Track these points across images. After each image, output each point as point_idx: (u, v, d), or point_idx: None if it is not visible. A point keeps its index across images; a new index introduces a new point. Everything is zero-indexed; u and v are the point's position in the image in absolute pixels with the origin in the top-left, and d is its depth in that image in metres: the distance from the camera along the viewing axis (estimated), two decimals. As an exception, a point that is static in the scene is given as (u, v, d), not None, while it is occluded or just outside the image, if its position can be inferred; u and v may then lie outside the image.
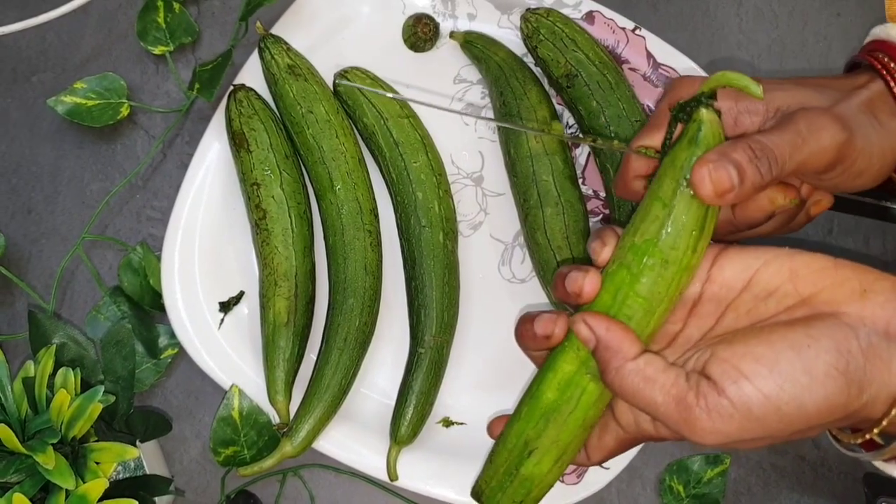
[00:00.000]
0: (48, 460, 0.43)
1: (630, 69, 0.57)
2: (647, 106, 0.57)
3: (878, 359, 0.35)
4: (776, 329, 0.36)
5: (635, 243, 0.37)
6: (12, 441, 0.44)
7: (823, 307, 0.36)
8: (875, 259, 0.59)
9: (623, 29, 0.58)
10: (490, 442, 0.55)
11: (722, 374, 0.35)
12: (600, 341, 0.37)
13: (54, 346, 0.49)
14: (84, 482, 0.44)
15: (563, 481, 0.53)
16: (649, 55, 0.57)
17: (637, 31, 0.58)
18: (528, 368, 0.55)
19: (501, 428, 0.41)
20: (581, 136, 0.39)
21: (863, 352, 0.35)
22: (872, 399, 0.35)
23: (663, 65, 0.57)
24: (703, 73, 0.56)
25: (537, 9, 0.57)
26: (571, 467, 0.53)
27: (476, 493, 0.42)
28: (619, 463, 0.53)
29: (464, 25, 0.59)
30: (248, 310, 0.55)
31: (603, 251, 0.39)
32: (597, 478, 0.53)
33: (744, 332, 0.37)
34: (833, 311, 0.36)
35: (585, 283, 0.38)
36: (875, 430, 0.36)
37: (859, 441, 0.38)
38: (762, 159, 0.37)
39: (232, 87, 0.55)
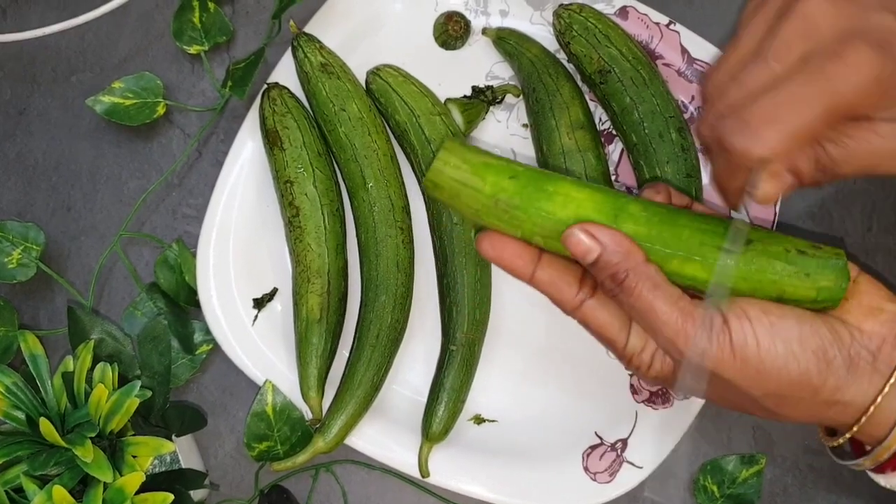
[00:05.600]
0: (87, 453, 0.44)
1: (664, 64, 0.57)
2: (682, 101, 0.57)
3: (858, 370, 0.37)
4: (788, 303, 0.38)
5: None
6: (52, 434, 0.45)
7: (832, 310, 0.38)
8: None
9: (657, 24, 0.57)
10: (519, 440, 0.55)
11: (728, 309, 0.37)
12: (606, 248, 0.37)
13: (92, 341, 0.50)
14: (121, 475, 0.45)
15: (595, 480, 0.52)
16: (684, 50, 0.57)
17: (671, 26, 0.57)
18: (560, 367, 0.55)
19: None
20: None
21: (847, 359, 0.37)
22: (845, 404, 0.37)
23: (698, 60, 0.57)
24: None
25: (570, 4, 0.56)
26: (604, 465, 0.53)
27: None
28: (651, 462, 0.53)
29: (496, 22, 0.59)
30: (282, 306, 0.55)
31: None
32: (629, 477, 0.52)
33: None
34: (838, 316, 0.38)
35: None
36: (847, 436, 0.39)
37: (838, 443, 0.40)
38: (824, 174, 0.37)
39: (265, 86, 0.55)
